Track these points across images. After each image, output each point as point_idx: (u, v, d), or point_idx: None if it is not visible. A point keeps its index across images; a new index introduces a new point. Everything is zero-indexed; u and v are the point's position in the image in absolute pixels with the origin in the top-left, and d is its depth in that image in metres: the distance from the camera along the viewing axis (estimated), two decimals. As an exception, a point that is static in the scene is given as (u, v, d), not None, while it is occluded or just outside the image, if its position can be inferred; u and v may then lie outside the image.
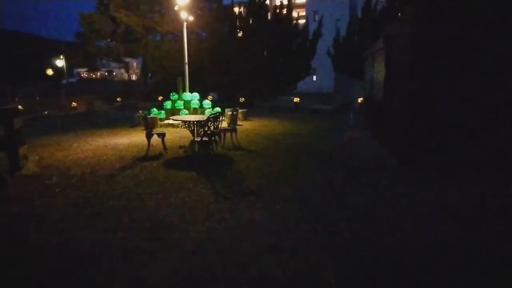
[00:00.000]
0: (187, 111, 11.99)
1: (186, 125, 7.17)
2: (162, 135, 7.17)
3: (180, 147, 7.75)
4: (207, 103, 12.89)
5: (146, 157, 6.79)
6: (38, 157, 6.76)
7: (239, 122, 12.34)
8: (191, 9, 12.16)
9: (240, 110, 13.44)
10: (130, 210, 3.98)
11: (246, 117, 13.34)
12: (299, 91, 22.92)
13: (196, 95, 12.85)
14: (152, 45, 22.96)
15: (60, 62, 20.94)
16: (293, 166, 6.03)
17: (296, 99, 18.70)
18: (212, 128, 6.46)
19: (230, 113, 12.26)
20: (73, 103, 21.28)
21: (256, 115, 14.67)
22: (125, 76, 49.27)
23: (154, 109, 12.36)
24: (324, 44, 20.95)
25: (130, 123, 12.20)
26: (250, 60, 19.71)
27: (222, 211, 3.90)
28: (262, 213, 3.86)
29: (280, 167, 5.97)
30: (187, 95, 12.57)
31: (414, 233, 3.33)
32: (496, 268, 2.71)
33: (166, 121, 11.88)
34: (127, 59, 38.03)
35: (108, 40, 24.41)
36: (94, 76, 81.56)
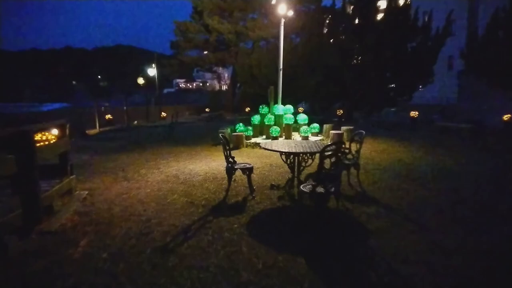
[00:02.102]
0: (278, 129, 9.62)
1: (283, 156, 4.72)
2: (248, 171, 4.81)
3: (273, 186, 5.28)
4: (302, 117, 10.35)
5: (224, 204, 4.53)
6: (87, 193, 5.06)
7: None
8: (288, 7, 9.96)
9: (345, 128, 10.55)
10: None
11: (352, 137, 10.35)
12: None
13: (289, 108, 10.43)
14: (242, 53, 21.65)
15: (151, 71, 21.19)
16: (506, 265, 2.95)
17: (413, 113, 15.00)
18: (329, 168, 3.82)
19: (335, 132, 9.51)
20: (163, 113, 21.29)
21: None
22: (217, 86, 50.56)
23: (240, 124, 10.34)
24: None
25: (213, 139, 10.44)
26: (353, 66, 16.63)
27: None
28: None
29: (478, 265, 2.96)
30: (279, 108, 10.23)
31: None
32: None
33: (253, 140, 9.73)
34: (219, 70, 38.37)
35: (200, 49, 24.09)
36: (190, 86, 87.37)
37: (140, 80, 20.71)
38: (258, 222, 3.93)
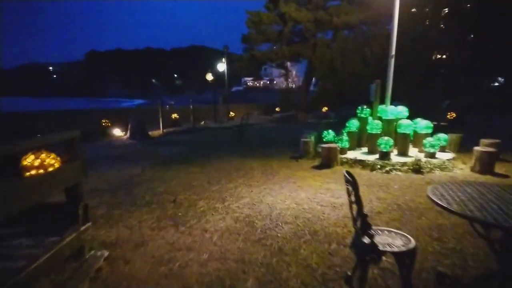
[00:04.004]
0: (391, 140, 6.74)
1: (476, 224, 2.05)
2: (407, 260, 2.22)
3: (442, 277, 2.63)
4: (423, 124, 7.31)
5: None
6: (106, 254, 3.03)
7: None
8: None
9: (487, 141, 7.22)
10: None
11: (498, 156, 6.97)
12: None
13: (403, 111, 7.47)
14: (321, 44, 18.87)
15: (221, 67, 19.69)
16: None
17: None
18: None
19: (483, 150, 6.36)
20: (231, 113, 19.64)
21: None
22: (284, 84, 48.10)
23: (329, 131, 7.77)
24: None
25: (291, 149, 8.12)
26: (469, 54, 12.75)
27: None
28: None
29: None
30: (389, 111, 7.35)
31: None
32: None
33: (350, 154, 7.04)
34: (289, 67, 35.92)
35: (273, 42, 21.91)
36: (257, 84, 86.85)
37: (209, 76, 19.40)
38: None
